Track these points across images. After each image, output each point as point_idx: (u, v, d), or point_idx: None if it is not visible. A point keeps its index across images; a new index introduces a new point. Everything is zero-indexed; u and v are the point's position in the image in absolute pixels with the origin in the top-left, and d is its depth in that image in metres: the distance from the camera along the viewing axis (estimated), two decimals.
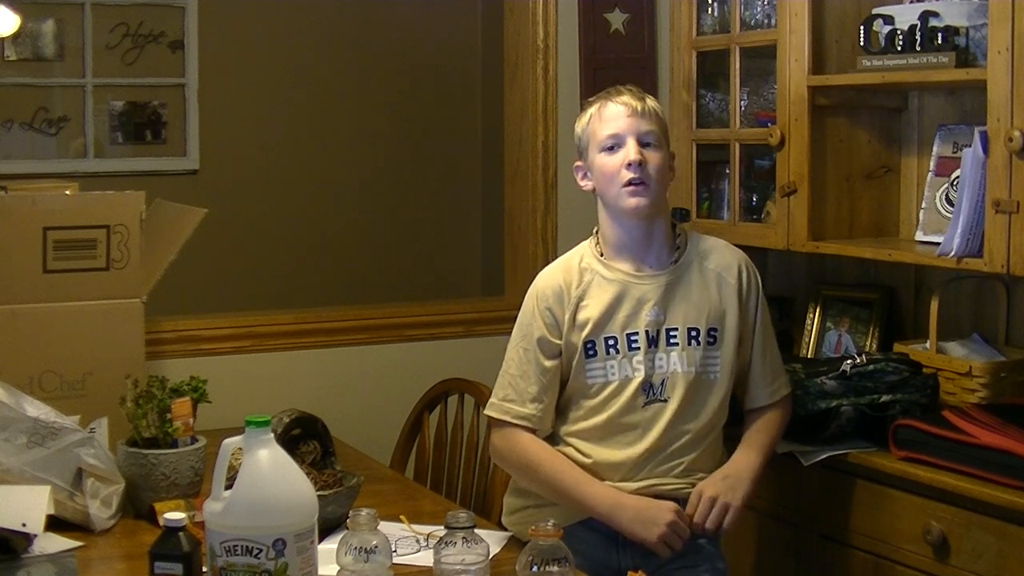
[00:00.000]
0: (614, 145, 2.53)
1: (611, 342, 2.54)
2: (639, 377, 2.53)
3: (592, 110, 2.59)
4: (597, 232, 2.64)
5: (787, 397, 2.69)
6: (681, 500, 2.51)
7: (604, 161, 2.54)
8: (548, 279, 2.61)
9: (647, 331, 2.54)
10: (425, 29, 5.17)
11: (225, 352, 3.50)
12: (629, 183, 2.50)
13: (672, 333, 2.55)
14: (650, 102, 2.57)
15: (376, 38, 5.13)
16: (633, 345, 2.54)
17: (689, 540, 2.48)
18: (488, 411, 2.63)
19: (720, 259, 2.61)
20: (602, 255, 2.61)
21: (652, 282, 2.57)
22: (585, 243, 2.65)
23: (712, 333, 2.56)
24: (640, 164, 2.50)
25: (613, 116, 2.54)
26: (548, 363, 2.57)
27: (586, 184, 2.62)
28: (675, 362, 2.54)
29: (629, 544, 2.50)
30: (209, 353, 3.46)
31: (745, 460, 2.57)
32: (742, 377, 2.64)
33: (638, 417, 2.53)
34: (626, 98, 2.55)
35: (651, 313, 2.55)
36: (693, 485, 2.53)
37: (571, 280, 2.58)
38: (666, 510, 2.46)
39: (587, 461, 2.54)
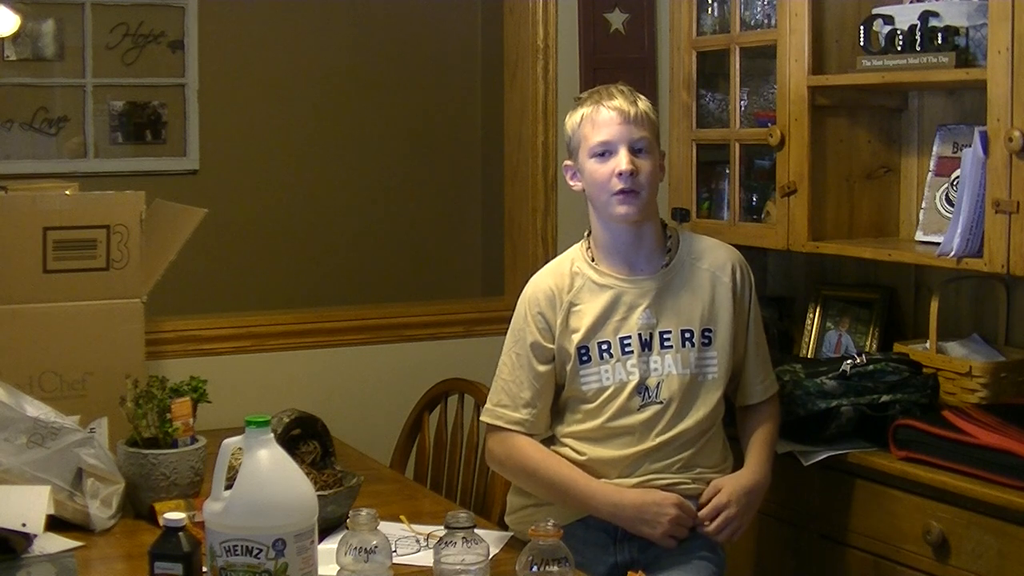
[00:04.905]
0: (605, 152, 2.51)
1: (604, 347, 2.54)
2: (634, 380, 2.52)
3: (584, 111, 2.55)
4: (588, 235, 2.63)
5: (776, 395, 2.69)
6: (683, 496, 2.50)
7: (594, 168, 2.52)
8: (540, 284, 2.60)
9: (639, 334, 2.53)
10: (425, 29, 5.17)
11: (225, 352, 3.49)
12: (620, 191, 2.49)
13: (666, 336, 2.54)
14: (642, 104, 2.53)
15: (376, 38, 5.12)
16: (626, 349, 2.53)
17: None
18: (483, 417, 2.64)
19: (713, 258, 2.61)
20: (593, 259, 2.60)
21: (643, 286, 2.56)
22: (576, 247, 2.64)
23: (706, 334, 2.56)
24: (632, 174, 2.48)
25: (605, 122, 2.51)
26: (541, 368, 2.56)
27: (575, 184, 2.60)
28: (670, 364, 2.53)
29: (627, 538, 2.51)
30: (209, 353, 3.46)
31: (763, 474, 2.57)
32: (735, 374, 2.63)
33: (634, 420, 2.53)
34: (618, 102, 2.51)
35: (643, 317, 2.54)
36: (694, 481, 2.53)
37: (563, 285, 2.57)
38: (667, 506, 2.46)
39: (582, 459, 2.54)
